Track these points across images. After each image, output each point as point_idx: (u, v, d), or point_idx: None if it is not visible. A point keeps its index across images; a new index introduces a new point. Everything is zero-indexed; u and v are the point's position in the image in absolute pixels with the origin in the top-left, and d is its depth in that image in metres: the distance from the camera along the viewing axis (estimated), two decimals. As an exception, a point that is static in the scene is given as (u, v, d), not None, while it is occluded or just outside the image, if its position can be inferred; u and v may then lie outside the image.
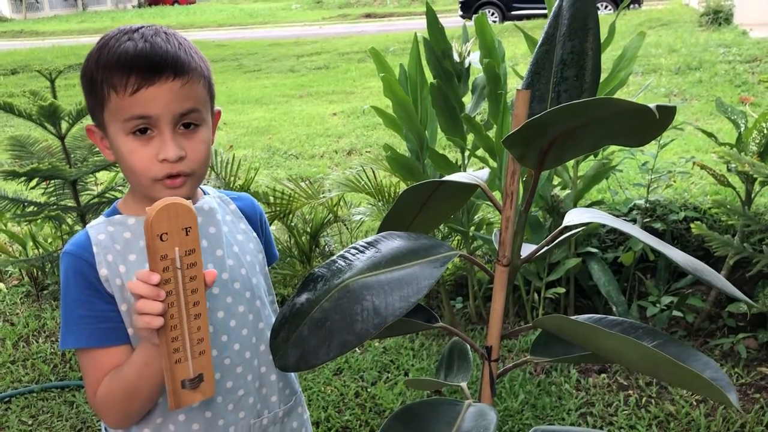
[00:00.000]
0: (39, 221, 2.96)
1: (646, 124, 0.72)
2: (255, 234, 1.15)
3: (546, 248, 0.91)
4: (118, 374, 0.97)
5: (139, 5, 33.70)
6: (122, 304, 1.00)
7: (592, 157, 2.82)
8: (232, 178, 3.00)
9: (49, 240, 3.49)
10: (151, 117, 0.95)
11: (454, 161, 2.64)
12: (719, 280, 0.84)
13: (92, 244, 1.00)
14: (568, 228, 0.89)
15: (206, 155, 1.01)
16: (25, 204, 2.74)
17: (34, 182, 2.64)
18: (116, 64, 0.94)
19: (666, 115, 0.68)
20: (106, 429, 1.10)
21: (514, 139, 0.76)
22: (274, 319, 1.14)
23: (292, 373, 1.17)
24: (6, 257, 3.47)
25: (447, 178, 0.95)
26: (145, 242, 0.84)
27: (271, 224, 3.04)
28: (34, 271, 3.41)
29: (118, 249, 1.01)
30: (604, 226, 2.76)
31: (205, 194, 1.11)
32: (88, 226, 1.04)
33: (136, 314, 0.86)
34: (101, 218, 1.05)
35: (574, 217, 0.90)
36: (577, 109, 0.69)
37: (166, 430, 1.05)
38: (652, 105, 0.66)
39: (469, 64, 2.55)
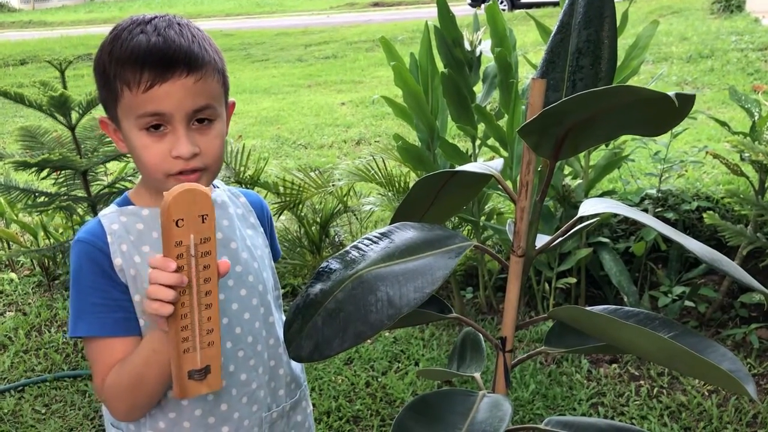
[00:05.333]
0: (50, 211, 2.97)
1: (664, 113, 0.71)
2: (262, 229, 1.15)
3: (561, 239, 0.90)
4: (126, 362, 0.96)
5: (147, -5, 33.60)
6: (135, 295, 0.99)
7: (603, 146, 2.80)
8: (242, 168, 3.00)
9: (60, 230, 3.51)
10: (165, 114, 0.94)
11: (464, 151, 2.63)
12: (737, 270, 0.84)
13: (106, 233, 0.99)
14: (582, 219, 0.89)
15: (220, 150, 1.00)
16: (36, 194, 2.75)
17: (45, 172, 2.65)
18: (129, 58, 0.92)
19: (685, 103, 0.67)
20: (113, 425, 1.09)
21: (530, 129, 0.75)
22: (280, 314, 1.14)
23: (298, 368, 1.17)
24: (17, 247, 3.49)
25: (460, 168, 0.94)
26: (159, 232, 0.83)
27: (281, 214, 3.05)
28: (46, 261, 3.43)
29: (132, 239, 1.00)
30: (615, 215, 2.74)
31: (215, 188, 1.11)
32: (100, 214, 1.03)
33: (146, 299, 0.85)
34: (113, 207, 1.04)
35: (589, 207, 0.89)
36: (594, 98, 0.69)
37: (180, 425, 1.04)
38: (671, 93, 0.65)
39: (480, 53, 2.53)
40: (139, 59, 0.92)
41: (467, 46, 2.51)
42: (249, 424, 1.07)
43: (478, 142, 2.68)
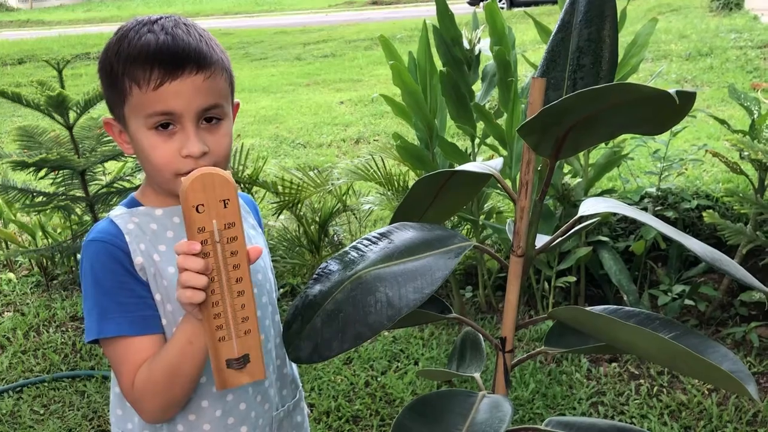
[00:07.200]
0: (48, 211, 2.97)
1: (665, 110, 0.70)
2: (261, 230, 1.15)
3: (561, 239, 0.90)
4: (157, 358, 0.94)
5: (146, -6, 33.54)
6: (156, 294, 0.98)
7: (603, 144, 2.79)
8: (241, 168, 2.99)
9: (59, 230, 3.50)
10: (175, 113, 0.93)
11: (463, 149, 2.63)
12: (737, 269, 0.83)
13: (123, 232, 0.98)
14: (582, 218, 0.88)
15: (229, 149, 1.00)
16: (35, 194, 2.75)
17: (42, 172, 2.65)
18: (138, 56, 0.92)
19: (686, 101, 0.67)
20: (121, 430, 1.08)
21: (530, 127, 0.74)
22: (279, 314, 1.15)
23: (295, 368, 1.18)
24: (16, 247, 3.49)
25: (460, 167, 0.94)
26: (174, 231, 0.81)
27: (280, 214, 3.04)
28: (44, 261, 3.43)
29: (148, 239, 0.99)
30: (615, 214, 2.74)
31: None
32: (110, 215, 1.01)
33: (180, 287, 0.83)
34: (122, 209, 1.03)
35: (589, 207, 0.89)
36: (595, 95, 0.68)
37: (200, 428, 1.02)
38: (671, 90, 0.64)
39: (479, 52, 2.53)
40: (149, 57, 0.91)
41: (466, 45, 2.51)
42: (263, 423, 1.07)
43: (477, 140, 2.68)
